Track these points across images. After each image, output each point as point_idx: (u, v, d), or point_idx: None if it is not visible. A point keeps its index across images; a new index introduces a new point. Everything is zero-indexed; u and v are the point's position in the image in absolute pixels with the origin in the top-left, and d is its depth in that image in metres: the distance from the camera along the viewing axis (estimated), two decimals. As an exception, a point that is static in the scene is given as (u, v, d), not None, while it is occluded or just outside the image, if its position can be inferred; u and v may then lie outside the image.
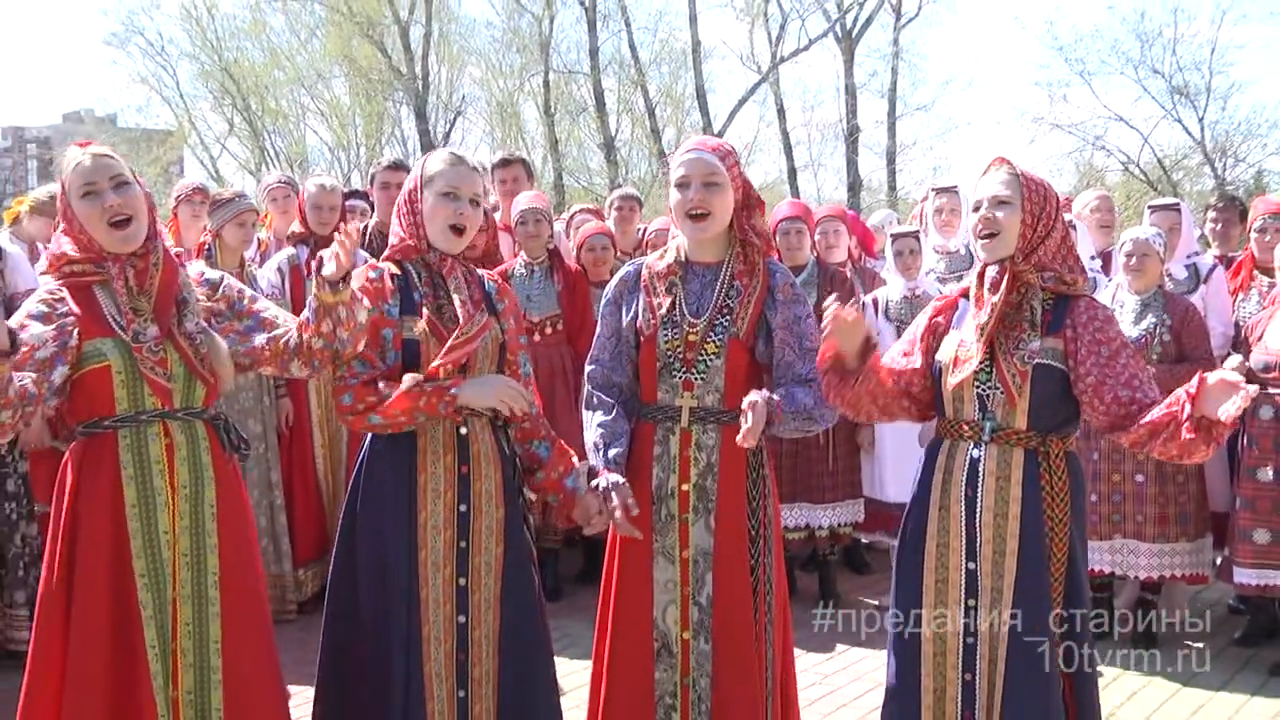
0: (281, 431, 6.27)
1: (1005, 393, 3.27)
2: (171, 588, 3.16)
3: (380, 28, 33.63)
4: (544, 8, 33.53)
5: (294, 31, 35.64)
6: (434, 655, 3.35)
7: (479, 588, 3.40)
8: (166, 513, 3.16)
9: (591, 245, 6.63)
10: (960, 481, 3.32)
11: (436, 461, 3.36)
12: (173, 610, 3.16)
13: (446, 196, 3.38)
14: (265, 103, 35.38)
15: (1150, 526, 5.63)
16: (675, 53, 34.23)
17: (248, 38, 35.49)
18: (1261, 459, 5.28)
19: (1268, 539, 5.27)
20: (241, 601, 3.26)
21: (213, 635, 3.20)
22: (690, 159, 3.47)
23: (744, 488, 3.48)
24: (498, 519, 3.42)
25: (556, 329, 6.39)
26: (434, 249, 3.42)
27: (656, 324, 3.49)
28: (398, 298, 3.39)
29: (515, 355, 3.54)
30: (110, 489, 3.12)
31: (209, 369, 3.21)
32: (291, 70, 35.62)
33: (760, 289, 3.50)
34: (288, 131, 36.43)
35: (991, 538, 3.29)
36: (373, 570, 3.36)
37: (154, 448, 3.16)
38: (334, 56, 34.93)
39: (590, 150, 34.94)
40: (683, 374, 3.46)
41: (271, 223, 7.09)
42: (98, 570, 3.11)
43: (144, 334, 3.12)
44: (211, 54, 35.02)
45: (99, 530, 3.11)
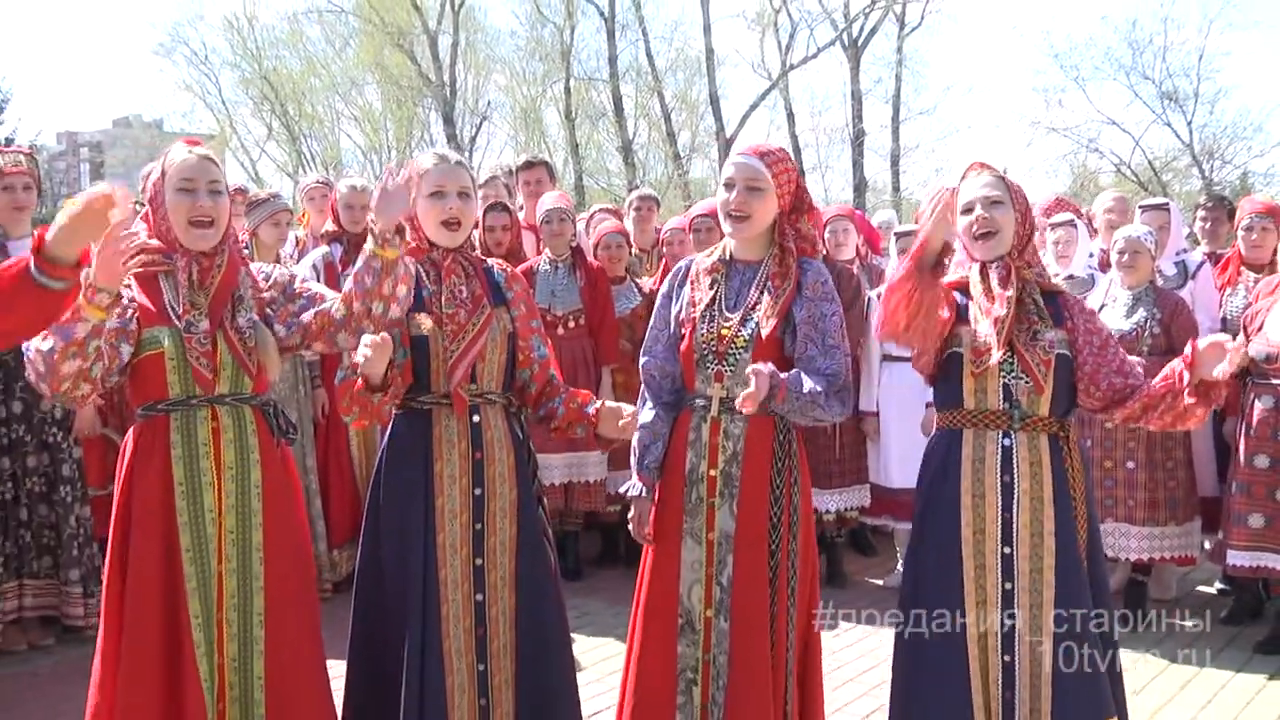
0: (317, 420, 6.29)
1: (1032, 382, 3.26)
2: (217, 562, 3.18)
3: (410, 37, 33.68)
4: (565, 18, 33.56)
5: (329, 41, 35.73)
6: (453, 632, 3.36)
7: (495, 566, 3.41)
8: (212, 492, 3.18)
9: (607, 244, 6.63)
10: (995, 469, 3.29)
11: (451, 449, 3.37)
12: (219, 583, 3.18)
13: (434, 196, 3.38)
14: (302, 108, 35.48)
15: (1141, 511, 5.63)
16: (690, 60, 34.27)
17: (286, 47, 35.61)
18: (1259, 447, 5.25)
19: (1262, 523, 5.25)
20: (287, 577, 3.28)
21: (256, 607, 3.22)
22: (738, 163, 3.47)
23: (768, 475, 3.45)
24: (511, 500, 3.44)
25: (579, 323, 6.40)
26: (436, 246, 3.43)
27: (695, 318, 3.49)
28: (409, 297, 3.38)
29: (527, 340, 3.53)
30: (161, 468, 3.15)
31: (255, 361, 3.23)
32: (327, 78, 35.72)
33: (790, 289, 3.48)
34: (323, 136, 36.56)
35: (1029, 521, 3.27)
36: (395, 553, 3.38)
37: (202, 430, 3.18)
38: (367, 65, 35.02)
39: (609, 153, 34.99)
40: (715, 365, 3.46)
41: (309, 222, 7.11)
42: (150, 545, 3.13)
43: (196, 326, 3.15)
44: (252, 63, 35.13)
45: (151, 507, 3.14)
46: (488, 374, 3.43)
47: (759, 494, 3.44)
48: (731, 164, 3.49)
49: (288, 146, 35.97)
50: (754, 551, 3.43)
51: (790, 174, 3.49)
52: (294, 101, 35.22)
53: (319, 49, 35.71)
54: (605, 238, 6.65)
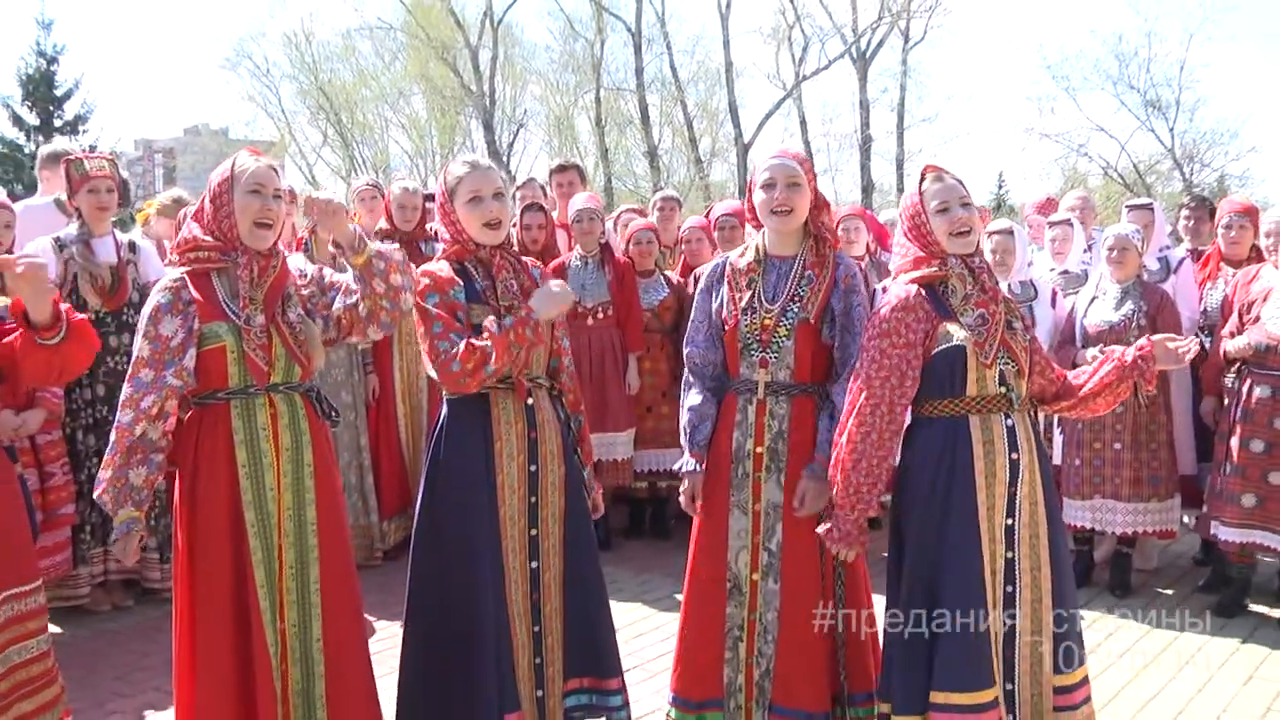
0: (369, 402, 6.32)
1: (1018, 366, 3.27)
2: (277, 535, 3.19)
3: (453, 51, 33.70)
4: (596, 33, 33.55)
5: (379, 55, 35.84)
6: (514, 597, 3.39)
7: (547, 535, 3.44)
8: (272, 472, 3.19)
9: (638, 239, 6.63)
10: (1004, 450, 3.26)
11: (509, 429, 3.38)
12: (279, 555, 3.20)
13: (473, 201, 3.39)
14: (354, 117, 35.57)
15: (1126, 488, 5.60)
16: (710, 72, 34.23)
17: (340, 61, 35.72)
18: (1255, 432, 5.20)
19: (1254, 503, 5.21)
20: (334, 547, 3.30)
21: (313, 576, 3.24)
22: (776, 164, 3.49)
23: (811, 450, 3.48)
24: (560, 475, 3.47)
25: (607, 314, 6.40)
26: (482, 246, 3.43)
27: (738, 315, 3.50)
28: (461, 287, 3.39)
29: (557, 331, 3.57)
30: (225, 451, 3.15)
31: (305, 352, 3.25)
32: (376, 88, 35.79)
33: (829, 278, 3.51)
34: (373, 142, 36.65)
35: (1029, 493, 3.28)
36: (456, 525, 3.38)
37: (261, 416, 3.19)
38: (413, 76, 35.09)
39: (636, 158, 34.99)
40: (759, 353, 3.48)
41: (360, 221, 7.13)
42: (218, 521, 3.15)
43: (253, 321, 3.16)
44: (309, 75, 35.24)
45: (218, 487, 3.15)
46: (536, 361, 3.44)
47: (805, 461, 3.46)
48: (768, 167, 3.50)
49: (341, 152, 36.10)
50: (801, 518, 3.44)
51: (813, 173, 3.55)
52: (347, 110, 35.30)
53: (370, 62, 35.85)
54: (637, 234, 6.65)
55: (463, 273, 3.43)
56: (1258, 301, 5.31)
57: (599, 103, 33.78)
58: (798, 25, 32.93)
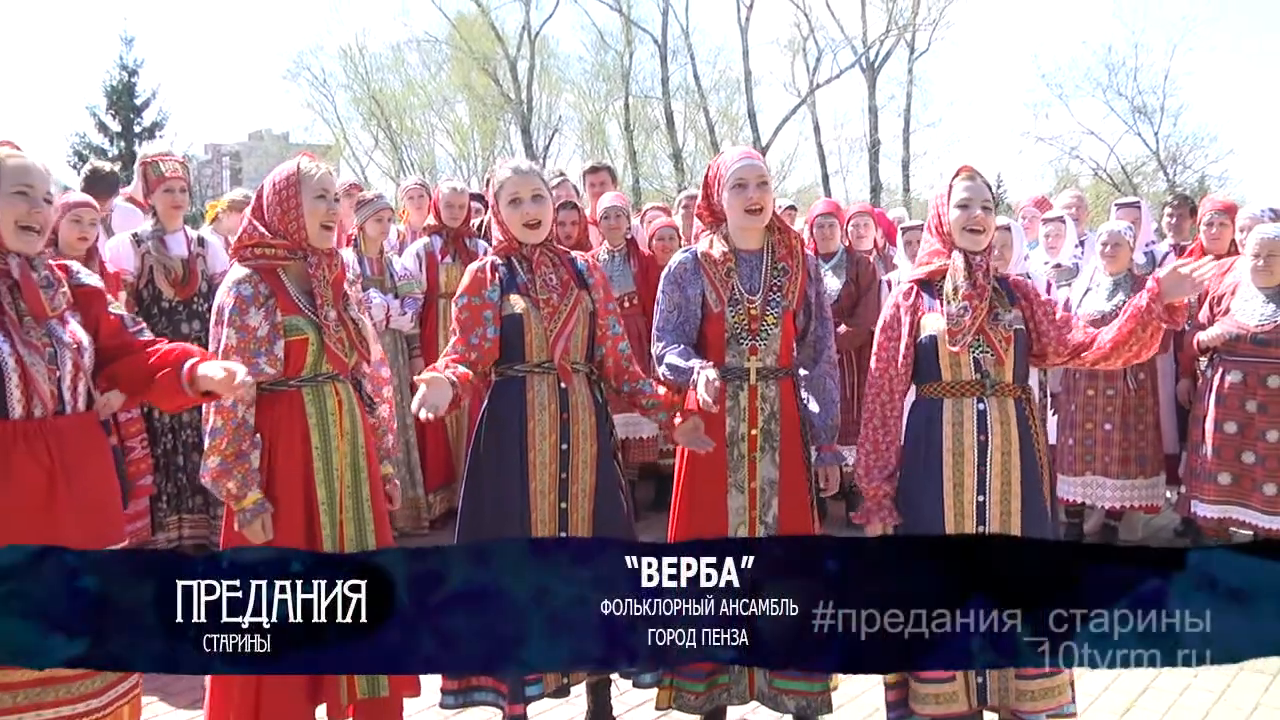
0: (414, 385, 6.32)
1: (995, 355, 3.25)
2: (340, 510, 3.22)
3: (493, 62, 33.69)
4: (625, 45, 33.45)
5: (426, 66, 35.82)
6: None
7: (577, 509, 3.43)
8: (338, 454, 3.22)
9: (661, 235, 6.63)
10: (972, 430, 3.26)
11: (543, 410, 3.38)
12: (339, 530, 3.23)
13: (513, 203, 3.39)
14: (403, 122, 35.58)
15: (1115, 466, 5.59)
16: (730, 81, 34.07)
17: (390, 71, 35.71)
18: (1228, 415, 5.16)
19: (1229, 480, 5.17)
20: (381, 520, 3.33)
21: (369, 547, 3.25)
22: (746, 165, 3.45)
23: (799, 430, 3.49)
24: (592, 454, 3.44)
25: (633, 303, 6.39)
26: (524, 243, 3.43)
27: (725, 303, 3.46)
28: (498, 285, 3.40)
29: (604, 319, 3.51)
30: (301, 433, 3.16)
31: (363, 345, 3.28)
32: (424, 96, 35.79)
33: (802, 270, 3.51)
34: (420, 145, 36.66)
35: (1000, 473, 3.25)
36: (494, 497, 3.41)
37: (329, 402, 3.20)
38: (457, 85, 35.09)
39: (662, 160, 34.87)
40: (749, 341, 3.45)
41: (408, 218, 7.16)
42: (293, 496, 3.16)
43: (329, 316, 3.19)
44: (362, 84, 35.26)
45: (293, 465, 3.17)
46: (574, 347, 3.43)
47: (795, 445, 3.48)
48: (741, 167, 3.44)
49: (391, 155, 36.13)
50: (796, 491, 3.47)
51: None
52: (396, 117, 35.33)
53: (417, 72, 35.84)
54: (660, 230, 6.65)
55: (510, 266, 3.45)
56: (1227, 294, 5.29)
57: (628, 109, 33.70)
58: (811, 37, 32.82)
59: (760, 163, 3.48)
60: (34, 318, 2.70)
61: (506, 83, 33.92)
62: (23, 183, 2.69)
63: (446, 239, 6.34)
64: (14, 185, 2.68)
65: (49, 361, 2.69)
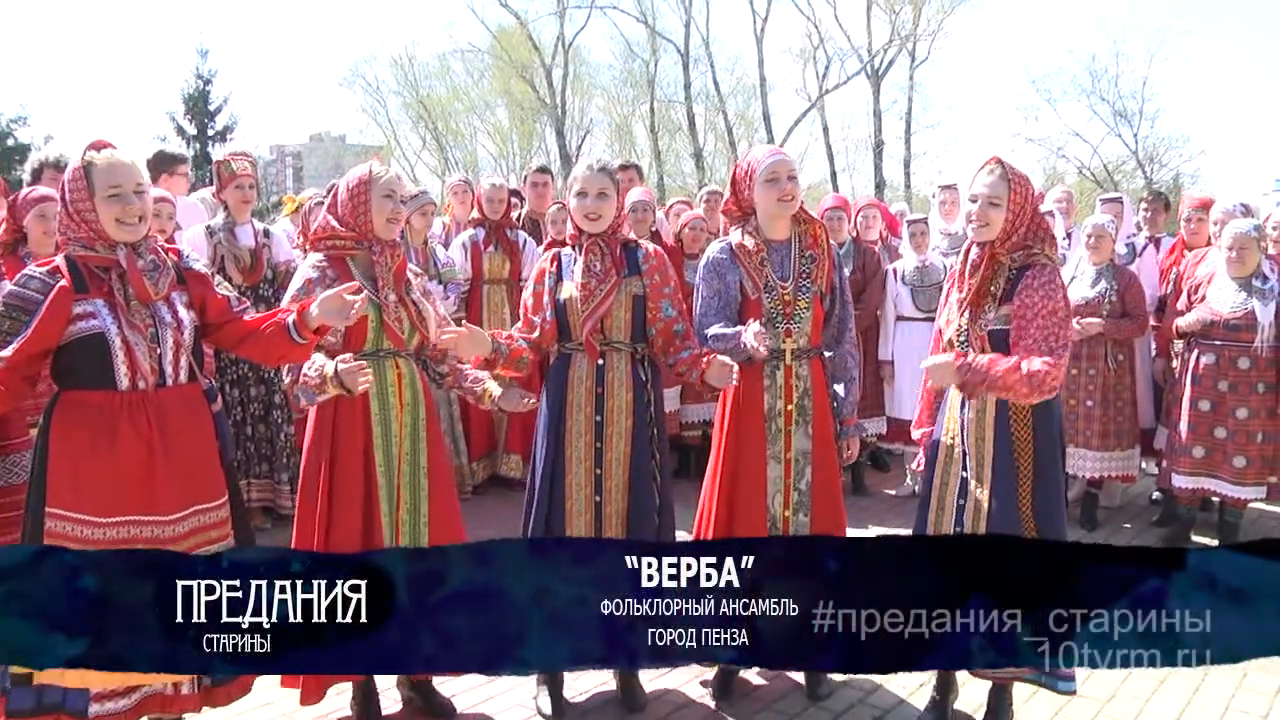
0: (461, 360, 6.34)
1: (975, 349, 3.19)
2: (397, 475, 3.24)
3: (531, 70, 33.63)
4: (650, 54, 33.33)
5: (469, 73, 35.76)
6: (576, 524, 3.42)
7: (610, 475, 3.44)
8: (396, 423, 3.24)
9: (692, 226, 6.61)
10: (957, 414, 3.25)
11: (580, 384, 3.43)
12: (397, 493, 3.25)
13: (580, 196, 3.43)
14: (448, 125, 35.60)
15: (1095, 439, 5.57)
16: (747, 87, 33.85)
17: (437, 78, 35.71)
18: (1202, 394, 5.15)
19: (1203, 454, 5.16)
20: (442, 485, 3.34)
21: (423, 511, 3.28)
22: (779, 160, 3.45)
23: (828, 405, 3.51)
24: (627, 427, 3.44)
25: (658, 289, 6.40)
26: (583, 233, 3.46)
27: (761, 290, 3.46)
28: (555, 274, 3.47)
29: (657, 303, 3.48)
30: (362, 401, 3.19)
31: (424, 326, 3.30)
32: (467, 101, 35.79)
33: (828, 257, 3.51)
34: (463, 145, 36.64)
35: (975, 455, 3.20)
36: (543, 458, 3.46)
37: (389, 375, 3.24)
38: (497, 91, 35.04)
39: (684, 159, 34.76)
40: (784, 324, 3.46)
41: (453, 211, 7.18)
42: (353, 459, 3.20)
43: (389, 298, 3.22)
44: (411, 90, 35.30)
45: (354, 429, 3.20)
46: (615, 328, 3.44)
47: (825, 418, 3.50)
48: (774, 163, 3.43)
49: (437, 154, 36.16)
50: (826, 461, 3.49)
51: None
52: (442, 120, 35.35)
53: (461, 79, 35.80)
54: (691, 222, 6.63)
55: (566, 254, 3.52)
56: (1203, 284, 5.26)
57: (653, 113, 33.61)
58: (821, 47, 32.57)
59: (789, 158, 3.49)
60: (139, 301, 2.78)
61: (542, 88, 33.85)
62: (112, 184, 2.75)
63: (489, 230, 6.36)
64: (106, 189, 2.75)
65: (150, 340, 2.78)
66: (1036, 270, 3.11)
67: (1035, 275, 3.10)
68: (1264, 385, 5.09)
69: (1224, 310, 5.12)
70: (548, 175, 7.30)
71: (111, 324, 2.73)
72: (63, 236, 2.81)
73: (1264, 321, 5.03)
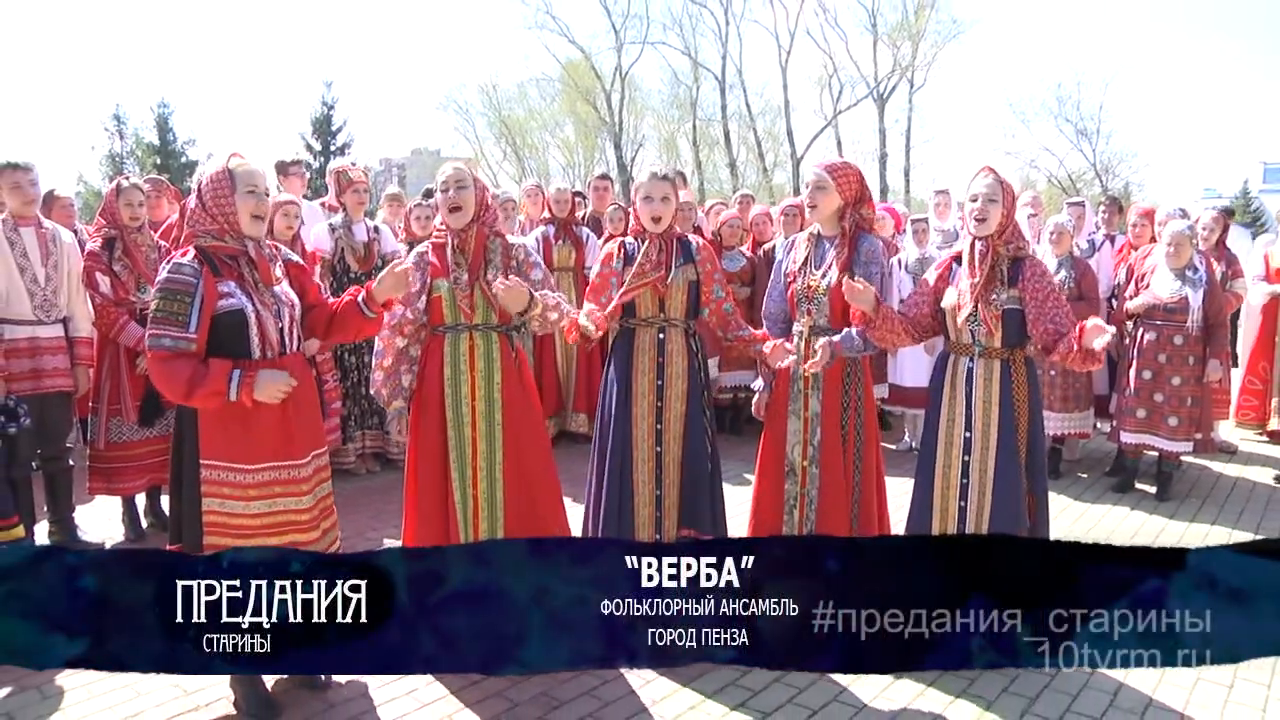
0: (535, 335, 6.34)
1: (986, 328, 3.18)
2: (470, 430, 3.16)
3: (593, 94, 33.54)
4: (693, 81, 33.14)
5: (543, 97, 35.69)
6: (640, 469, 3.39)
7: (669, 429, 3.40)
8: (468, 386, 3.17)
9: (730, 224, 6.58)
10: (963, 381, 3.23)
11: (644, 354, 3.40)
12: (473, 445, 3.17)
13: (645, 200, 3.39)
14: (525, 140, 35.63)
15: (1058, 403, 5.51)
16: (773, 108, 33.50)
17: (515, 102, 35.69)
18: (1145, 365, 5.11)
19: (1144, 415, 5.12)
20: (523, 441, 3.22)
21: (498, 460, 3.18)
22: (809, 172, 3.46)
23: (841, 375, 3.43)
24: (682, 390, 3.41)
25: (698, 277, 6.39)
26: (646, 230, 3.42)
27: (796, 274, 3.47)
28: (622, 260, 3.42)
29: (709, 288, 3.44)
30: (439, 369, 3.18)
31: (499, 304, 3.13)
32: (540, 120, 35.76)
33: (847, 254, 3.38)
34: (537, 157, 36.62)
35: (981, 415, 3.20)
36: (608, 414, 3.44)
37: (462, 346, 3.17)
38: (565, 112, 34.98)
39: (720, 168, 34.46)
40: (806, 305, 3.45)
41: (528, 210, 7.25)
42: (431, 419, 3.18)
43: (460, 279, 3.17)
44: (494, 111, 35.36)
45: (432, 395, 3.19)
46: (673, 307, 3.40)
47: (835, 387, 3.43)
48: (808, 174, 3.46)
49: (515, 164, 36.16)
50: (831, 424, 3.42)
51: (850, 177, 3.41)
52: (520, 135, 35.39)
53: (536, 102, 35.76)
54: (730, 220, 6.61)
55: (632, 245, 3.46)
56: (1148, 274, 5.23)
57: (694, 130, 33.41)
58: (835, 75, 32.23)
59: (821, 170, 3.40)
60: (265, 284, 2.81)
61: (603, 109, 33.75)
62: (250, 184, 2.75)
63: (558, 226, 6.38)
64: (246, 186, 2.75)
65: (275, 316, 2.79)
66: (1031, 262, 3.19)
67: (1032, 266, 3.18)
68: (1194, 358, 5.07)
69: (1164, 295, 5.09)
70: (608, 181, 7.30)
71: (247, 302, 2.72)
72: (190, 229, 2.76)
73: (1194, 305, 5.03)
